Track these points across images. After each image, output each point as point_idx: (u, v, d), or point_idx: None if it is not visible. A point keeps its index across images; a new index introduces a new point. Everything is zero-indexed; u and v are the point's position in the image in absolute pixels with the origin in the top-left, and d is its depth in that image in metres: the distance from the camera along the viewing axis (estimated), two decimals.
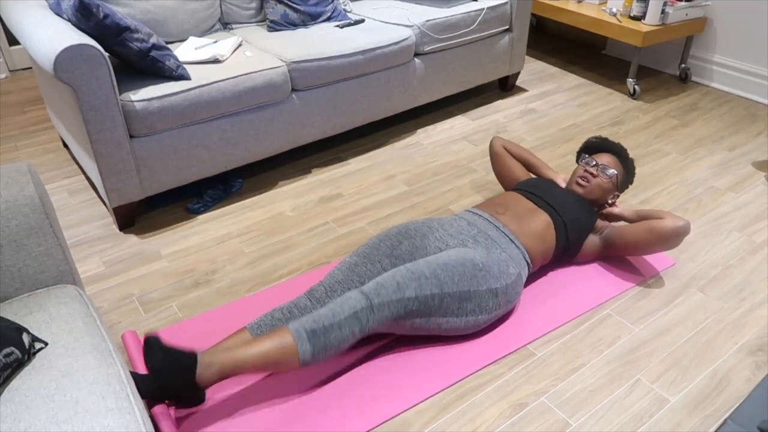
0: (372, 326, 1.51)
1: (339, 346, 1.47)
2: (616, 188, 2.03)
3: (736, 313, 1.81)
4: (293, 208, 2.31)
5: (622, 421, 1.48)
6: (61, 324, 1.16)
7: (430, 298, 1.56)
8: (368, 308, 1.49)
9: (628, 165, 2.07)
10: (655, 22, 3.04)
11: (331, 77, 2.43)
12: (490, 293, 1.63)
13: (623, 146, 2.08)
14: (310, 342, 1.43)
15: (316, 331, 1.44)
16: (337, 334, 1.45)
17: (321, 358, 1.46)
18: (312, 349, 1.43)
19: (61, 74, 1.80)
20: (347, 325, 1.47)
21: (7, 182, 1.24)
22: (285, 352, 1.42)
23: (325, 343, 1.44)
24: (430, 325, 1.60)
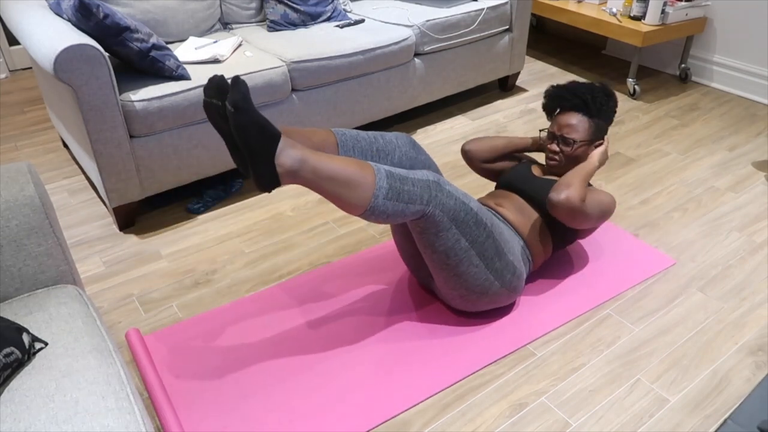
0: (435, 206, 1.47)
1: (407, 204, 1.43)
2: (592, 142, 1.84)
3: (736, 313, 1.81)
4: (293, 208, 2.31)
5: (622, 421, 1.48)
6: (61, 324, 1.16)
7: (483, 226, 1.56)
8: (439, 185, 1.49)
9: (595, 107, 1.82)
10: (655, 22, 3.04)
11: (331, 77, 2.43)
12: (511, 266, 1.66)
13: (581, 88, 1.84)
14: (387, 181, 1.41)
15: (394, 174, 1.43)
16: (410, 188, 1.43)
17: (389, 208, 1.42)
18: (388, 188, 1.40)
19: (61, 74, 1.80)
20: (419, 186, 1.45)
21: (7, 182, 1.24)
22: (364, 177, 1.39)
23: (399, 191, 1.42)
24: (464, 255, 1.56)
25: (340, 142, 1.57)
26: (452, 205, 1.50)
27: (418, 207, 1.46)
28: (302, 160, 1.34)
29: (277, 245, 2.10)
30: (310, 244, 2.11)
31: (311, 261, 2.03)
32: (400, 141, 1.67)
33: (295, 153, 1.34)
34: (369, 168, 1.42)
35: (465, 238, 1.55)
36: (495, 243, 1.60)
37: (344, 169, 1.38)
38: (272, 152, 1.31)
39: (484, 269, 1.60)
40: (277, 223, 2.23)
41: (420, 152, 1.70)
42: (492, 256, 1.60)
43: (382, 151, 1.61)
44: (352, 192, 1.38)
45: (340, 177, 1.36)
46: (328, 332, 1.72)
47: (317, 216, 2.26)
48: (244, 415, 1.48)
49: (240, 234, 2.17)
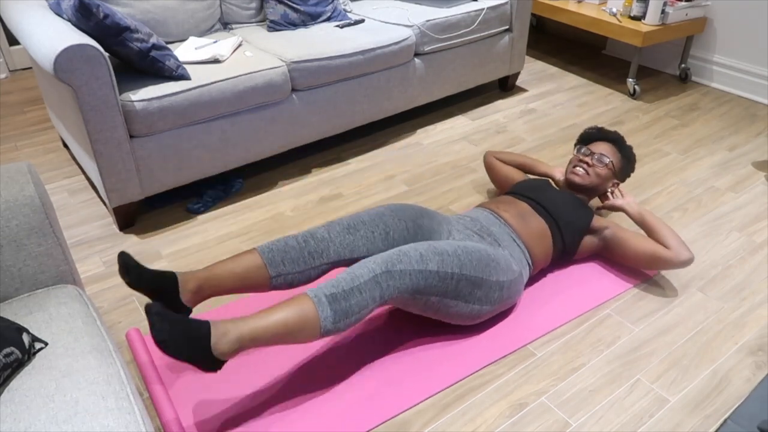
0: (391, 294, 1.45)
1: (360, 312, 1.41)
2: (614, 176, 2.04)
3: (736, 313, 1.81)
4: (293, 208, 2.31)
5: (622, 421, 1.48)
6: (61, 324, 1.16)
7: (449, 277, 1.53)
8: (388, 273, 1.44)
9: (626, 152, 2.07)
10: (655, 22, 3.04)
11: (331, 77, 2.43)
12: (497, 285, 1.63)
13: (620, 134, 2.08)
14: (330, 307, 1.36)
15: (336, 295, 1.38)
16: (358, 299, 1.39)
17: (342, 326, 1.39)
18: (333, 315, 1.37)
19: (61, 74, 1.80)
20: (367, 289, 1.41)
21: (7, 182, 1.24)
22: (306, 319, 1.34)
23: (346, 309, 1.38)
24: (440, 305, 1.57)
25: (267, 261, 1.52)
26: (408, 283, 1.47)
27: (372, 306, 1.43)
28: (239, 340, 1.30)
29: None
30: None
31: None
32: (333, 233, 1.60)
33: (229, 337, 1.30)
34: (307, 303, 1.36)
35: (433, 296, 1.54)
36: (469, 281, 1.57)
37: (283, 322, 1.33)
38: (208, 350, 1.29)
39: (465, 305, 1.60)
40: (277, 223, 2.23)
41: (358, 229, 1.62)
42: (470, 292, 1.59)
43: (314, 252, 1.56)
44: (300, 334, 1.35)
45: (281, 331, 1.33)
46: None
47: (317, 216, 2.26)
48: (245, 414, 1.48)
49: (240, 234, 2.17)
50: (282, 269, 1.53)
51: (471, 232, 1.76)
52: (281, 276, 1.53)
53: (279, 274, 1.53)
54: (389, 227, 1.64)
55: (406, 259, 1.48)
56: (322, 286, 1.40)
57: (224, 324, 1.31)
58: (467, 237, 1.74)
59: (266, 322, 1.33)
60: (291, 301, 1.37)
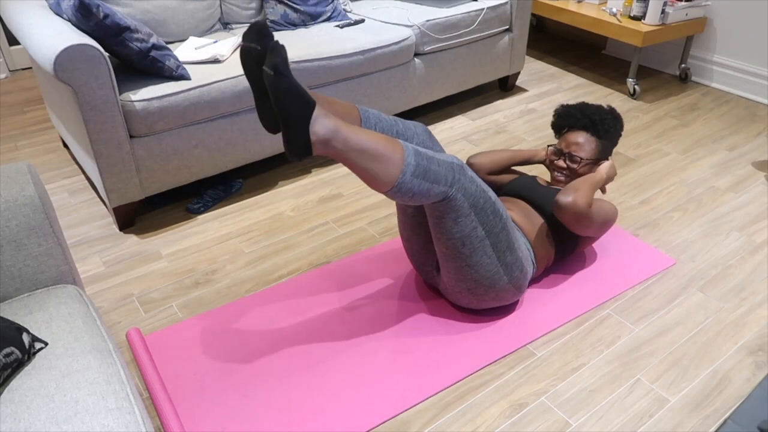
0: (458, 189, 1.48)
1: (432, 183, 1.43)
2: (597, 162, 1.91)
3: (736, 313, 1.81)
4: (293, 208, 2.31)
5: (622, 421, 1.48)
6: (61, 324, 1.16)
7: (499, 217, 1.57)
8: (462, 169, 1.49)
9: (603, 131, 1.91)
10: (655, 22, 3.04)
11: (331, 77, 2.43)
12: (520, 263, 1.66)
13: (590, 109, 1.92)
14: (415, 158, 1.41)
15: (422, 153, 1.43)
16: (436, 169, 1.44)
17: (416, 185, 1.41)
18: (415, 165, 1.40)
19: (61, 74, 1.80)
20: (444, 167, 1.45)
21: (7, 182, 1.24)
22: (393, 152, 1.38)
23: (426, 168, 1.42)
24: (480, 245, 1.56)
25: (363, 118, 1.56)
26: (474, 191, 1.51)
27: (442, 188, 1.46)
28: (335, 130, 1.34)
29: (277, 245, 2.10)
30: (310, 244, 2.11)
31: (311, 261, 2.03)
32: (419, 129, 1.67)
33: (328, 122, 1.34)
34: (398, 144, 1.42)
35: (482, 226, 1.55)
36: (508, 236, 1.61)
37: (374, 143, 1.38)
38: (307, 120, 1.32)
39: (496, 261, 1.61)
40: (277, 223, 2.23)
41: (435, 144, 1.71)
42: (504, 249, 1.61)
43: (401, 135, 1.61)
44: (381, 166, 1.38)
45: (370, 150, 1.36)
46: (327, 333, 1.72)
47: (317, 216, 2.26)
48: (245, 414, 1.48)
49: (240, 234, 2.17)
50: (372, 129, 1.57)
51: None
52: None
53: None
54: None
55: (476, 177, 1.54)
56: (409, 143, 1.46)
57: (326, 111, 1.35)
58: None
59: (362, 132, 1.38)
60: (386, 136, 1.42)
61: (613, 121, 1.93)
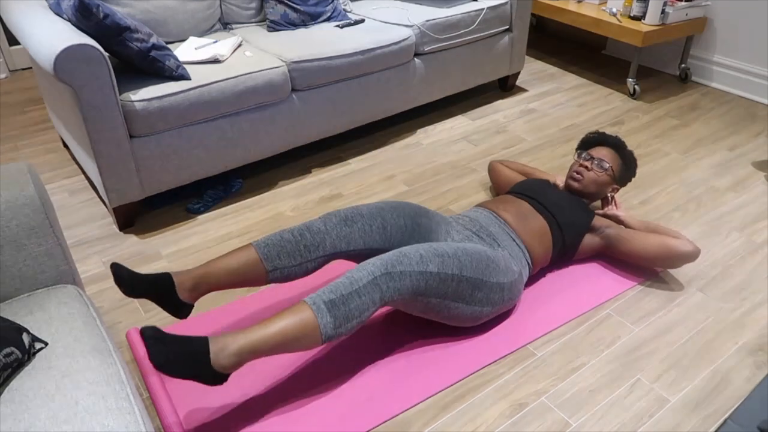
0: (391, 296, 1.43)
1: (360, 315, 1.39)
2: (614, 181, 2.04)
3: (736, 313, 1.81)
4: (293, 208, 2.31)
5: (622, 421, 1.48)
6: (61, 324, 1.16)
7: (450, 278, 1.52)
8: (388, 275, 1.42)
9: (626, 157, 2.06)
10: (655, 22, 3.04)
11: (331, 77, 2.43)
12: (498, 287, 1.63)
13: (621, 139, 2.09)
14: (330, 313, 1.34)
15: (335, 301, 1.35)
16: (357, 303, 1.37)
17: (343, 330, 1.37)
18: (333, 321, 1.34)
19: (61, 74, 1.80)
20: (367, 293, 1.39)
21: (7, 182, 1.24)
22: (305, 327, 1.32)
23: (347, 313, 1.36)
24: (441, 307, 1.56)
25: (263, 256, 1.51)
26: (408, 285, 1.46)
27: (373, 309, 1.42)
28: (238, 353, 1.29)
29: None
30: None
31: None
32: (329, 225, 1.59)
33: (229, 351, 1.28)
34: (306, 311, 1.34)
35: (434, 298, 1.53)
36: (470, 282, 1.56)
37: (282, 332, 1.31)
38: (208, 366, 1.27)
39: (466, 306, 1.60)
40: (277, 223, 2.23)
41: (355, 222, 1.61)
42: (470, 294, 1.58)
43: (311, 246, 1.55)
44: (301, 343, 1.34)
45: (282, 340, 1.31)
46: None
47: (317, 216, 2.26)
48: (245, 414, 1.48)
49: (240, 234, 2.16)
50: (278, 263, 1.52)
51: (470, 233, 1.76)
52: (278, 270, 1.52)
53: (275, 268, 1.52)
54: (387, 222, 1.63)
55: (405, 261, 1.47)
56: (320, 292, 1.38)
57: (223, 338, 1.29)
58: (466, 238, 1.74)
59: (265, 333, 1.31)
60: (289, 309, 1.35)
61: (634, 159, 2.08)
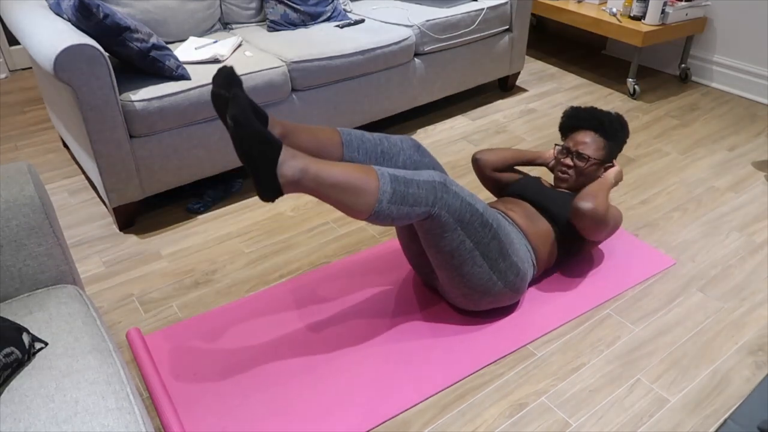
0: (440, 207, 1.48)
1: (412, 206, 1.44)
2: (603, 163, 1.93)
3: (736, 313, 1.81)
4: (293, 208, 2.31)
5: (622, 421, 1.48)
6: (61, 324, 1.16)
7: (489, 227, 1.56)
8: (444, 186, 1.48)
9: (609, 132, 1.92)
10: (655, 22, 3.04)
11: (331, 77, 2.43)
12: (515, 267, 1.65)
13: (598, 112, 1.95)
14: (391, 185, 1.41)
15: (398, 178, 1.43)
16: (415, 191, 1.44)
17: (394, 211, 1.42)
18: (392, 192, 1.41)
19: (61, 74, 1.80)
20: (425, 188, 1.45)
21: (7, 182, 1.24)
22: (367, 182, 1.39)
23: (403, 193, 1.42)
24: (470, 257, 1.57)
25: (345, 141, 1.57)
26: (458, 206, 1.51)
27: (423, 209, 1.46)
28: (304, 170, 1.35)
29: (277, 245, 2.10)
30: (310, 244, 2.11)
31: (311, 261, 2.03)
32: (405, 144, 1.67)
33: (296, 163, 1.35)
34: (372, 172, 1.42)
35: (470, 239, 1.55)
36: (500, 244, 1.60)
37: (347, 176, 1.38)
38: (273, 163, 1.33)
39: (488, 270, 1.61)
40: (277, 223, 2.23)
41: (425, 155, 1.71)
42: (496, 257, 1.61)
43: (386, 153, 1.61)
44: (356, 198, 1.39)
45: (343, 184, 1.37)
46: (327, 332, 1.72)
47: (317, 216, 2.26)
48: (245, 415, 1.48)
49: (240, 234, 2.17)
50: (355, 156, 1.58)
51: None
52: (352, 161, 1.57)
53: (351, 158, 1.58)
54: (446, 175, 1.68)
55: (460, 188, 1.53)
56: (386, 168, 1.45)
57: (295, 150, 1.35)
58: None
59: (333, 167, 1.37)
60: (358, 165, 1.42)
61: (620, 125, 1.95)
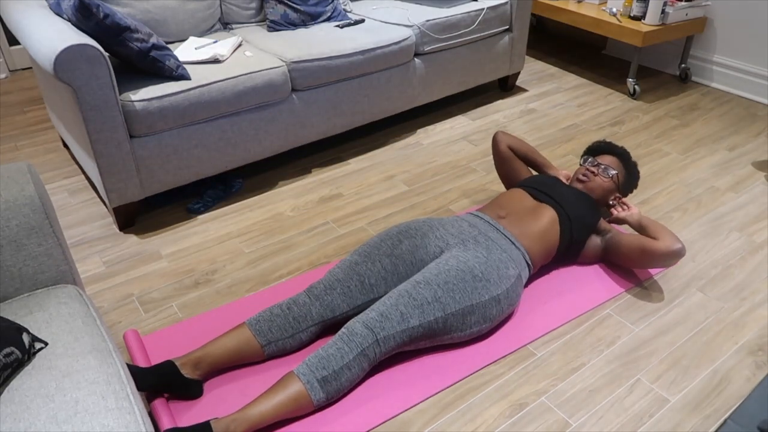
0: (380, 358, 1.54)
1: (351, 384, 1.50)
2: (618, 189, 2.05)
3: (736, 313, 1.81)
4: (293, 208, 2.31)
5: (622, 421, 1.48)
6: (61, 324, 1.16)
7: (434, 323, 1.57)
8: (375, 343, 1.50)
9: (630, 167, 2.09)
10: (655, 22, 3.04)
11: (331, 77, 2.43)
12: (493, 301, 1.63)
13: (626, 150, 2.12)
14: (323, 390, 1.45)
15: (327, 377, 1.45)
16: (348, 375, 1.48)
17: (339, 392, 1.48)
18: (326, 396, 1.45)
19: (61, 74, 1.80)
20: (356, 364, 1.48)
21: (7, 182, 1.24)
22: (299, 403, 1.43)
23: (338, 387, 1.47)
24: (434, 343, 1.62)
25: (255, 332, 1.57)
26: (394, 344, 1.54)
27: (362, 374, 1.51)
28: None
29: (277, 245, 2.10)
30: (310, 244, 2.11)
31: (311, 261, 2.03)
32: (312, 295, 1.64)
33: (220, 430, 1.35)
34: (300, 388, 1.43)
35: (425, 340, 1.59)
36: (456, 315, 1.59)
37: (278, 410, 1.40)
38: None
39: (462, 333, 1.63)
40: (277, 223, 2.23)
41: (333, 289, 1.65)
42: (462, 323, 1.61)
43: (299, 317, 1.61)
44: (295, 414, 1.44)
45: (280, 415, 1.41)
46: (327, 333, 1.72)
47: (317, 216, 2.26)
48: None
49: (240, 234, 2.17)
50: (271, 336, 1.59)
51: (467, 237, 1.74)
52: (272, 343, 1.59)
53: (269, 341, 1.58)
54: (363, 275, 1.67)
55: (388, 324, 1.52)
56: (311, 365, 1.46)
57: (224, 421, 1.36)
58: (461, 242, 1.72)
59: (263, 412, 1.39)
60: (283, 386, 1.43)
61: (637, 169, 2.11)
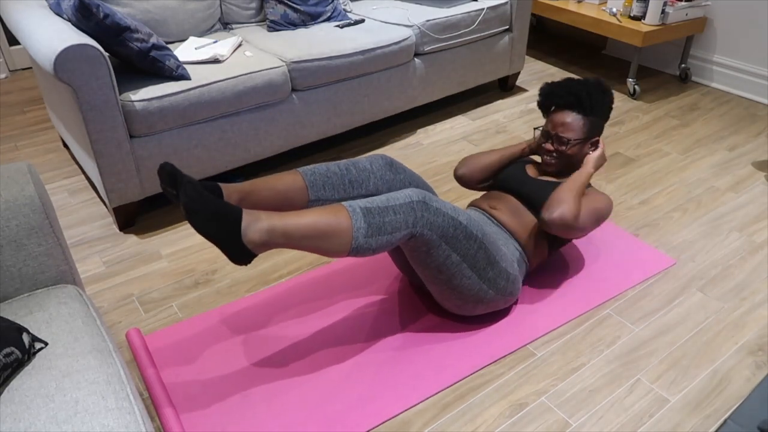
0: (422, 226, 1.43)
1: (391, 233, 1.38)
2: (587, 141, 1.82)
3: (736, 313, 1.81)
4: None
5: (622, 421, 1.48)
6: (61, 324, 1.16)
7: (474, 238, 1.53)
8: (424, 204, 1.42)
9: (590, 107, 1.78)
10: (655, 22, 3.04)
11: (331, 77, 2.43)
12: (505, 274, 1.64)
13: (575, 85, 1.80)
14: (365, 219, 1.34)
15: (371, 209, 1.36)
16: (392, 218, 1.37)
17: (373, 243, 1.36)
18: (367, 227, 1.34)
19: (61, 74, 1.80)
20: (402, 212, 1.39)
21: (7, 182, 1.24)
22: (339, 225, 1.32)
23: (380, 224, 1.36)
24: (457, 270, 1.54)
25: (308, 183, 1.52)
26: (440, 223, 1.47)
27: (404, 232, 1.42)
28: (270, 230, 1.29)
29: None
30: None
31: (311, 261, 2.03)
32: (375, 165, 1.61)
33: (260, 225, 1.29)
34: (342, 211, 1.35)
35: (456, 252, 1.53)
36: (486, 253, 1.59)
37: (315, 224, 1.32)
38: (237, 234, 1.27)
39: (477, 280, 1.60)
40: None
41: (399, 172, 1.65)
42: (484, 267, 1.59)
43: (355, 182, 1.56)
44: (331, 242, 1.33)
45: (313, 233, 1.32)
46: (327, 332, 1.72)
47: None
48: (244, 414, 1.48)
49: None
50: (321, 193, 1.53)
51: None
52: (320, 200, 1.53)
53: (318, 198, 1.52)
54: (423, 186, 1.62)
55: (441, 203, 1.48)
56: (357, 200, 1.40)
57: (257, 212, 1.29)
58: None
59: (300, 219, 1.31)
60: (326, 207, 1.36)
61: (601, 95, 1.79)
